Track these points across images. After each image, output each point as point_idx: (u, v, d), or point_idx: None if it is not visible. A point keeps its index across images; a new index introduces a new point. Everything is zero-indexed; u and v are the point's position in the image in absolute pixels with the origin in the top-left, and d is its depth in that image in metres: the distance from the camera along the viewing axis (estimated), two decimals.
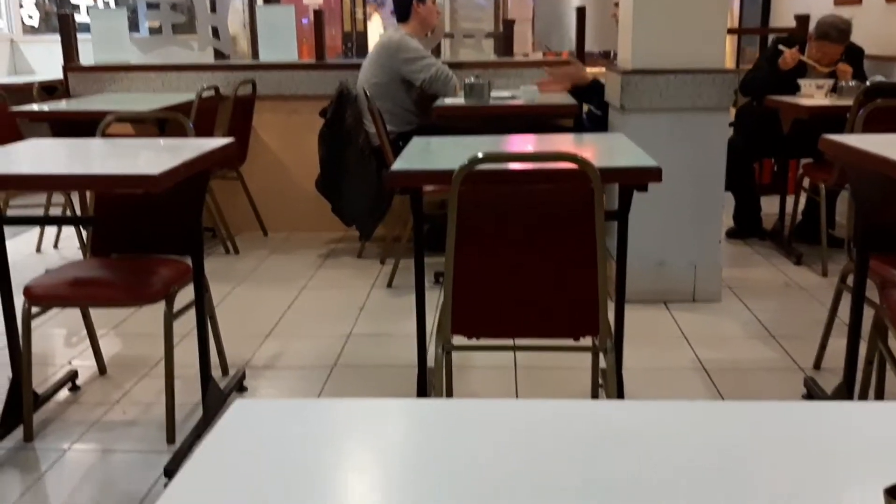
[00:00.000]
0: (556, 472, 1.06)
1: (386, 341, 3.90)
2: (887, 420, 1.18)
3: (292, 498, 1.01)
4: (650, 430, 1.16)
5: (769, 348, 3.72)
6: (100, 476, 2.80)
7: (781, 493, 1.00)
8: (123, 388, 3.42)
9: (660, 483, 1.03)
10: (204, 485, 1.04)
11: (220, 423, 1.17)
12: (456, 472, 1.07)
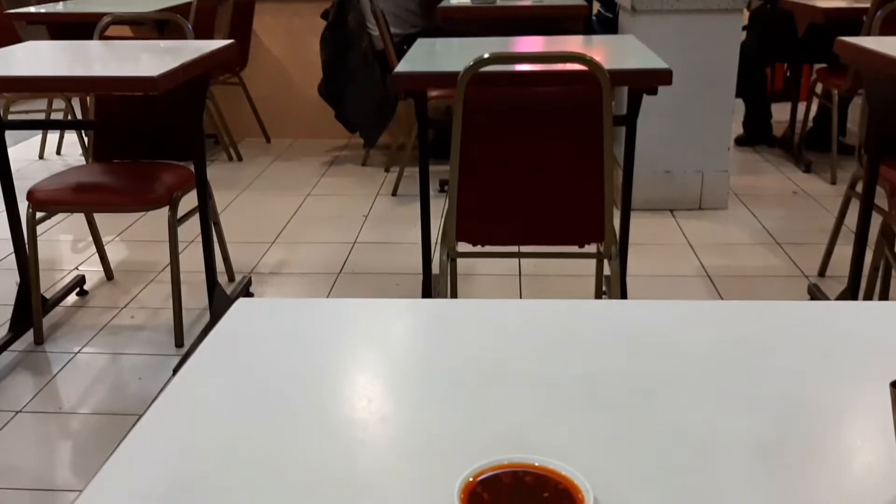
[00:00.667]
0: (558, 367, 1.07)
1: (391, 249, 3.90)
2: (892, 318, 1.18)
3: (296, 394, 1.02)
4: (652, 328, 1.16)
5: (774, 255, 3.72)
6: (110, 378, 2.86)
7: (785, 390, 1.01)
8: (131, 294, 3.45)
9: (661, 378, 1.03)
10: (207, 381, 1.05)
11: (223, 322, 1.18)
12: (459, 369, 1.07)
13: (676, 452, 0.90)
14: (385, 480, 0.86)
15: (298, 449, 0.91)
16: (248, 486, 0.85)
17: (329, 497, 0.83)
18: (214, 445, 0.92)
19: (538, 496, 0.81)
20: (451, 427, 0.96)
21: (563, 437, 0.93)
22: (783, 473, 0.86)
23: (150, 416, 0.97)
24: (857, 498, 0.82)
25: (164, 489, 0.84)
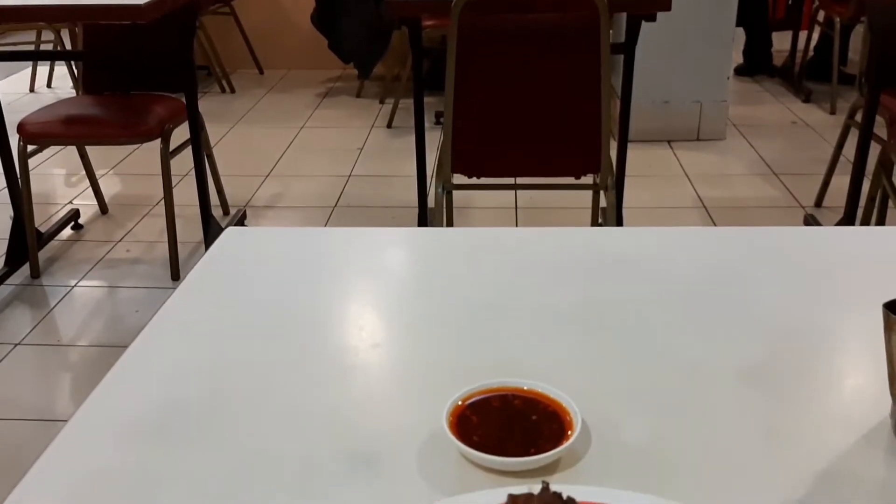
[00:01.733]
0: (550, 294, 1.06)
1: (386, 182, 3.88)
2: (887, 243, 1.17)
3: (286, 321, 1.02)
4: (645, 254, 1.15)
5: (771, 186, 3.70)
6: (107, 311, 2.87)
7: (777, 314, 1.00)
8: (126, 227, 3.44)
9: (652, 304, 1.03)
10: (195, 309, 1.05)
11: (212, 250, 1.17)
12: (451, 296, 1.07)
13: (666, 376, 0.90)
14: (375, 406, 0.87)
15: (289, 375, 0.91)
16: (238, 412, 0.85)
17: (319, 422, 0.84)
18: (204, 372, 0.92)
19: (527, 419, 0.81)
20: (441, 353, 0.96)
21: (553, 363, 0.93)
22: (772, 397, 0.86)
23: (139, 343, 0.97)
24: (845, 420, 0.82)
25: (154, 415, 0.85)
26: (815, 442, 0.79)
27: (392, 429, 0.83)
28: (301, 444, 0.80)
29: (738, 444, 0.80)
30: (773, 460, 0.77)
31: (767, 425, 0.82)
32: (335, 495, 0.74)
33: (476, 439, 0.78)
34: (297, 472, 0.77)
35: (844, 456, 0.77)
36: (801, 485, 0.73)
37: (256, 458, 0.79)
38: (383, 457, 0.79)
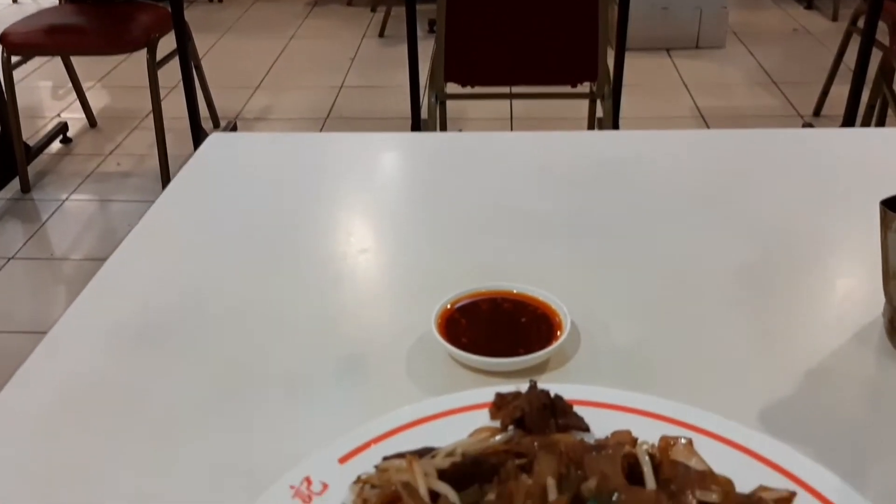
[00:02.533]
0: (544, 198, 1.04)
1: (378, 93, 3.80)
2: (885, 144, 1.15)
3: (273, 228, 1.00)
4: (642, 158, 1.13)
5: (770, 95, 3.64)
6: (99, 225, 2.85)
7: (772, 217, 0.99)
8: (115, 141, 3.39)
9: (647, 208, 1.01)
10: (179, 217, 1.03)
11: (196, 156, 1.14)
12: (442, 201, 1.05)
13: (658, 280, 0.89)
14: (363, 311, 0.86)
15: (275, 282, 0.90)
16: (223, 319, 0.84)
17: (306, 328, 0.83)
18: (188, 280, 0.91)
19: (515, 321, 0.80)
20: (431, 258, 0.95)
21: (543, 267, 0.92)
22: (765, 298, 0.85)
23: (121, 252, 0.96)
24: (838, 320, 0.82)
25: (137, 322, 0.84)
26: (807, 342, 0.79)
27: (380, 333, 0.82)
28: (288, 350, 0.80)
29: (730, 344, 0.79)
30: (765, 360, 0.77)
31: (759, 326, 0.81)
32: (323, 398, 0.73)
33: (464, 341, 0.77)
34: (283, 376, 0.76)
35: (836, 355, 0.77)
36: (793, 384, 0.73)
37: (242, 363, 0.78)
38: (371, 360, 0.78)
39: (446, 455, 0.61)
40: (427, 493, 0.56)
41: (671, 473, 0.56)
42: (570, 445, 0.60)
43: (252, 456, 0.67)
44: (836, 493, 0.58)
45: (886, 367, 0.75)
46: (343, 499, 0.59)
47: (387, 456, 0.62)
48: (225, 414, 0.72)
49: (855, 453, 0.65)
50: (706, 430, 0.64)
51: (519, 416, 0.65)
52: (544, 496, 0.50)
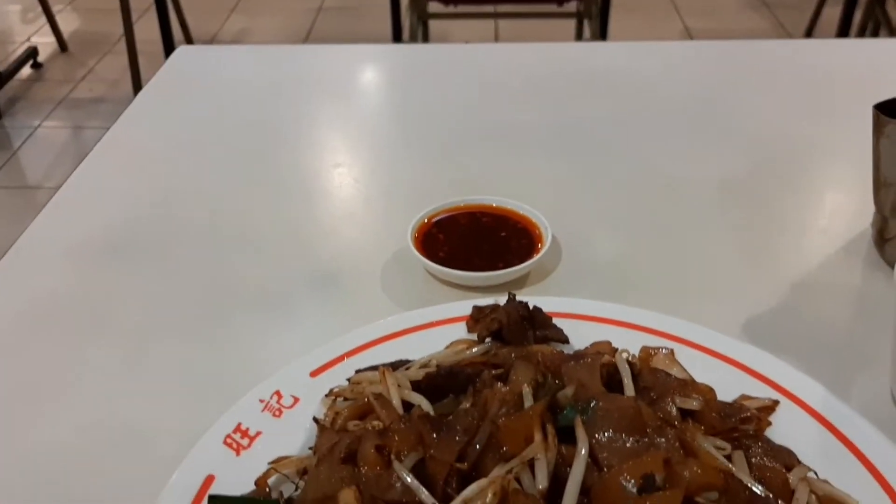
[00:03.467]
0: (528, 112, 1.00)
1: (358, 14, 3.69)
2: (876, 54, 1.11)
3: (244, 142, 0.96)
4: (628, 69, 1.09)
5: (761, 17, 3.56)
6: (73, 152, 2.78)
7: (760, 127, 0.96)
8: (87, 66, 3.29)
9: (632, 121, 0.98)
10: (146, 131, 0.99)
11: (162, 70, 1.09)
12: (422, 114, 1.01)
13: (642, 193, 0.86)
14: (337, 226, 0.83)
15: (247, 197, 0.87)
16: (193, 234, 0.81)
17: (279, 243, 0.80)
18: (156, 195, 0.87)
19: (495, 235, 0.78)
20: (409, 171, 0.91)
21: (524, 181, 0.89)
22: (752, 210, 0.83)
23: (85, 168, 0.92)
24: (826, 231, 0.80)
25: (103, 237, 0.80)
26: (794, 253, 0.77)
27: (355, 248, 0.80)
28: (260, 265, 0.77)
29: (715, 256, 0.77)
30: (750, 271, 0.75)
31: (745, 238, 0.79)
32: (297, 312, 0.71)
33: (442, 256, 0.75)
34: (256, 290, 0.73)
35: (823, 267, 0.75)
36: (778, 295, 0.71)
37: (213, 278, 0.75)
38: (346, 275, 0.76)
39: (420, 367, 0.59)
40: (400, 405, 0.54)
41: (651, 381, 0.54)
42: (548, 356, 0.58)
43: (222, 371, 0.65)
44: (820, 401, 0.57)
45: (873, 278, 0.73)
46: (314, 412, 0.57)
47: (360, 369, 0.60)
48: (195, 329, 0.69)
49: (840, 363, 0.64)
50: (688, 341, 0.62)
51: (496, 328, 0.63)
52: (520, 404, 0.49)
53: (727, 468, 0.47)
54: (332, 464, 0.50)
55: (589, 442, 0.45)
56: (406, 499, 0.45)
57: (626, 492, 0.42)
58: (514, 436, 0.46)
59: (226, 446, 0.54)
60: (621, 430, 0.47)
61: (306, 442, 0.56)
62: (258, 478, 0.52)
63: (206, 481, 0.52)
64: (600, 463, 0.45)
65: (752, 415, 0.54)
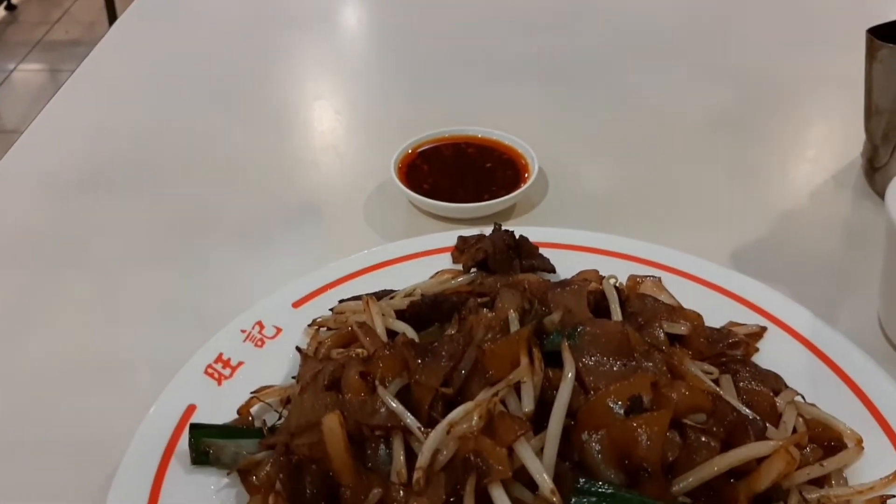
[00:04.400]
0: (515, 42, 0.98)
1: None
2: None
3: (222, 73, 0.93)
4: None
5: None
6: (50, 94, 2.71)
7: (756, 56, 0.94)
8: (62, 7, 3.20)
9: (622, 52, 0.96)
10: (122, 61, 0.96)
11: (135, 5, 1.06)
12: (407, 43, 0.98)
13: (631, 123, 0.85)
14: (319, 158, 0.81)
15: (227, 130, 0.84)
16: (172, 167, 0.79)
17: (259, 176, 0.78)
18: (134, 127, 0.85)
19: (480, 167, 0.76)
20: (391, 102, 0.89)
21: (511, 111, 0.87)
22: (741, 140, 0.81)
23: (56, 103, 0.89)
24: (816, 161, 0.79)
25: (79, 169, 0.78)
26: (783, 182, 0.76)
27: (338, 180, 0.78)
28: (240, 198, 0.75)
29: (704, 186, 0.76)
30: (738, 201, 0.74)
31: (734, 167, 0.78)
32: (278, 245, 0.70)
33: (426, 187, 0.73)
34: (236, 224, 0.72)
35: (812, 197, 0.74)
36: (767, 225, 0.70)
37: (193, 211, 0.74)
38: (329, 208, 0.74)
39: (405, 296, 0.58)
40: (384, 333, 0.54)
41: (638, 307, 0.53)
42: (535, 283, 0.57)
43: (202, 302, 0.64)
44: (807, 327, 0.56)
45: (862, 207, 0.72)
46: (297, 343, 0.56)
47: (343, 299, 0.59)
48: (174, 260, 0.68)
49: (828, 291, 0.63)
50: (676, 269, 0.61)
51: (482, 258, 0.62)
52: (506, 329, 0.48)
53: (715, 391, 0.46)
54: (315, 391, 0.49)
55: (576, 366, 0.44)
56: (391, 423, 0.45)
57: (614, 413, 0.42)
58: (499, 360, 0.45)
59: (207, 376, 0.54)
60: (608, 354, 0.46)
61: (289, 372, 0.55)
62: (241, 407, 0.52)
63: (186, 411, 0.51)
64: (587, 386, 0.44)
65: (739, 340, 0.54)
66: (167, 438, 0.50)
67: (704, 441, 0.43)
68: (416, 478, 0.41)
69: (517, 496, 0.40)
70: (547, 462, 0.41)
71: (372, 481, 0.43)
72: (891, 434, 0.49)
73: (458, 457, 0.42)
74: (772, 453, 0.43)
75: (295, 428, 0.48)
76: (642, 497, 0.39)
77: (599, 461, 0.41)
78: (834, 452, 0.48)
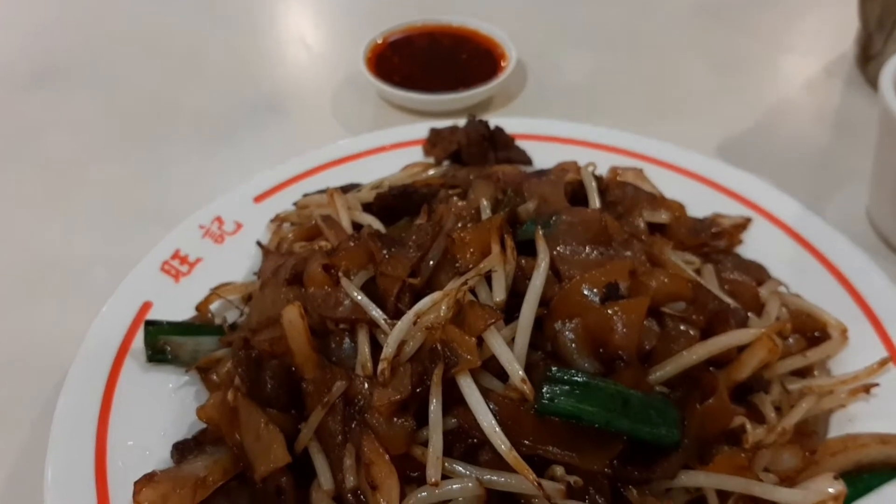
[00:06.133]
0: None
1: None
2: None
3: None
4: None
5: None
6: None
7: None
8: None
9: None
10: None
11: None
12: None
13: (613, 13, 0.80)
14: (283, 50, 0.77)
15: (186, 20, 0.80)
16: (128, 59, 0.75)
17: (220, 68, 0.74)
18: (85, 19, 0.80)
19: (455, 57, 0.72)
20: None
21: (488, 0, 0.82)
22: (730, 29, 0.77)
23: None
24: (806, 50, 0.75)
25: (31, 64, 0.74)
26: (773, 72, 0.72)
27: (304, 73, 0.74)
28: (200, 91, 0.71)
29: (690, 76, 0.72)
30: (727, 92, 0.70)
31: (722, 57, 0.74)
32: (240, 139, 0.66)
33: (398, 79, 0.69)
34: (196, 117, 0.68)
35: (803, 87, 0.71)
36: (755, 116, 0.67)
37: (152, 103, 0.70)
38: (294, 101, 0.70)
39: (372, 188, 0.55)
40: (350, 226, 0.51)
41: (619, 196, 0.51)
42: (510, 174, 0.54)
43: (160, 198, 0.61)
44: (794, 217, 0.54)
45: (853, 97, 0.69)
46: (259, 238, 0.53)
47: (307, 193, 0.56)
48: (132, 153, 0.64)
49: (816, 182, 0.61)
50: (658, 160, 0.58)
51: (455, 149, 0.59)
52: (477, 218, 0.45)
53: (695, 280, 0.44)
54: (276, 286, 0.47)
55: (550, 254, 0.42)
56: (355, 316, 0.42)
57: (589, 300, 0.40)
58: (470, 249, 0.42)
59: (163, 273, 0.51)
60: (585, 243, 0.44)
61: (251, 269, 0.52)
62: (199, 303, 0.49)
63: (142, 308, 0.49)
64: (562, 275, 0.42)
65: (723, 230, 0.52)
66: (121, 336, 0.47)
67: (683, 330, 0.41)
68: (381, 369, 0.39)
69: (486, 386, 0.38)
70: (518, 351, 0.38)
71: (335, 374, 0.41)
72: (876, 323, 0.47)
73: (426, 348, 0.39)
74: (753, 341, 0.41)
75: (256, 324, 0.46)
76: (617, 386, 0.37)
77: (573, 350, 0.39)
78: (818, 344, 0.46)
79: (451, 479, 0.37)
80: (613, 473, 0.37)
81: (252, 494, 0.41)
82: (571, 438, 0.37)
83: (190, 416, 0.43)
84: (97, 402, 0.44)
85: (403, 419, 0.38)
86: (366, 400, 0.39)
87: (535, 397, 0.37)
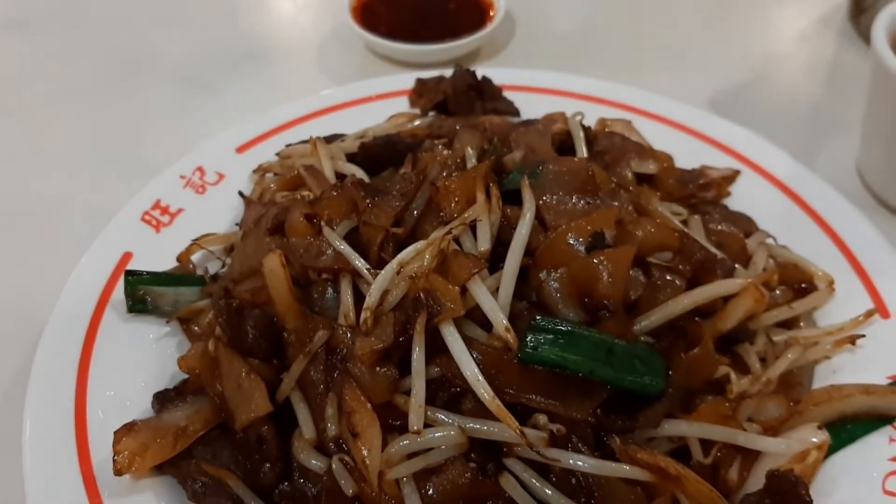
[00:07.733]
0: None
1: None
2: None
3: None
4: None
5: None
6: None
7: None
8: None
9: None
10: None
11: None
12: None
13: None
14: (271, 3, 0.75)
15: None
16: (109, 10, 0.73)
17: (205, 19, 0.72)
18: None
19: (442, 7, 0.70)
20: None
21: None
22: None
23: None
24: (801, 3, 0.74)
25: (5, 12, 0.72)
26: (765, 24, 0.71)
27: (288, 23, 0.72)
28: (182, 40, 0.70)
29: (681, 28, 0.71)
30: (718, 44, 0.69)
31: (713, 8, 0.73)
32: (222, 89, 0.65)
33: (384, 30, 0.68)
34: (177, 66, 0.67)
35: (795, 39, 0.70)
36: (747, 68, 0.66)
37: (132, 53, 0.68)
38: (278, 52, 0.69)
39: (356, 138, 0.54)
40: (333, 176, 0.50)
41: (606, 145, 0.50)
42: (497, 124, 0.53)
43: (141, 147, 0.60)
44: (783, 169, 0.53)
45: (845, 50, 0.68)
46: (241, 189, 0.53)
47: (290, 143, 0.55)
48: (111, 104, 0.63)
49: (806, 135, 0.60)
50: (648, 112, 0.57)
51: (441, 100, 0.58)
52: (462, 167, 0.44)
53: (682, 230, 0.44)
54: (258, 236, 0.46)
55: (536, 203, 0.41)
56: (338, 266, 0.42)
57: (574, 250, 0.39)
58: (454, 198, 0.42)
59: (144, 223, 0.50)
60: (571, 193, 0.43)
61: (233, 219, 0.51)
62: (180, 254, 0.49)
63: (122, 259, 0.48)
64: (548, 225, 0.41)
65: (711, 182, 0.51)
66: (101, 287, 0.47)
67: (670, 279, 0.40)
68: (364, 318, 0.38)
69: (470, 335, 0.38)
70: (502, 300, 0.38)
71: (317, 323, 0.40)
72: (863, 275, 0.47)
73: (409, 297, 0.39)
74: (739, 292, 0.40)
75: (237, 274, 0.45)
76: (602, 335, 0.37)
77: (558, 300, 0.38)
78: (805, 295, 0.46)
79: (434, 428, 0.36)
80: (597, 422, 0.37)
81: (233, 444, 0.40)
82: (555, 387, 0.37)
83: (171, 367, 0.43)
84: (77, 352, 0.44)
85: (386, 368, 0.38)
86: (348, 349, 0.39)
87: (519, 346, 0.36)
